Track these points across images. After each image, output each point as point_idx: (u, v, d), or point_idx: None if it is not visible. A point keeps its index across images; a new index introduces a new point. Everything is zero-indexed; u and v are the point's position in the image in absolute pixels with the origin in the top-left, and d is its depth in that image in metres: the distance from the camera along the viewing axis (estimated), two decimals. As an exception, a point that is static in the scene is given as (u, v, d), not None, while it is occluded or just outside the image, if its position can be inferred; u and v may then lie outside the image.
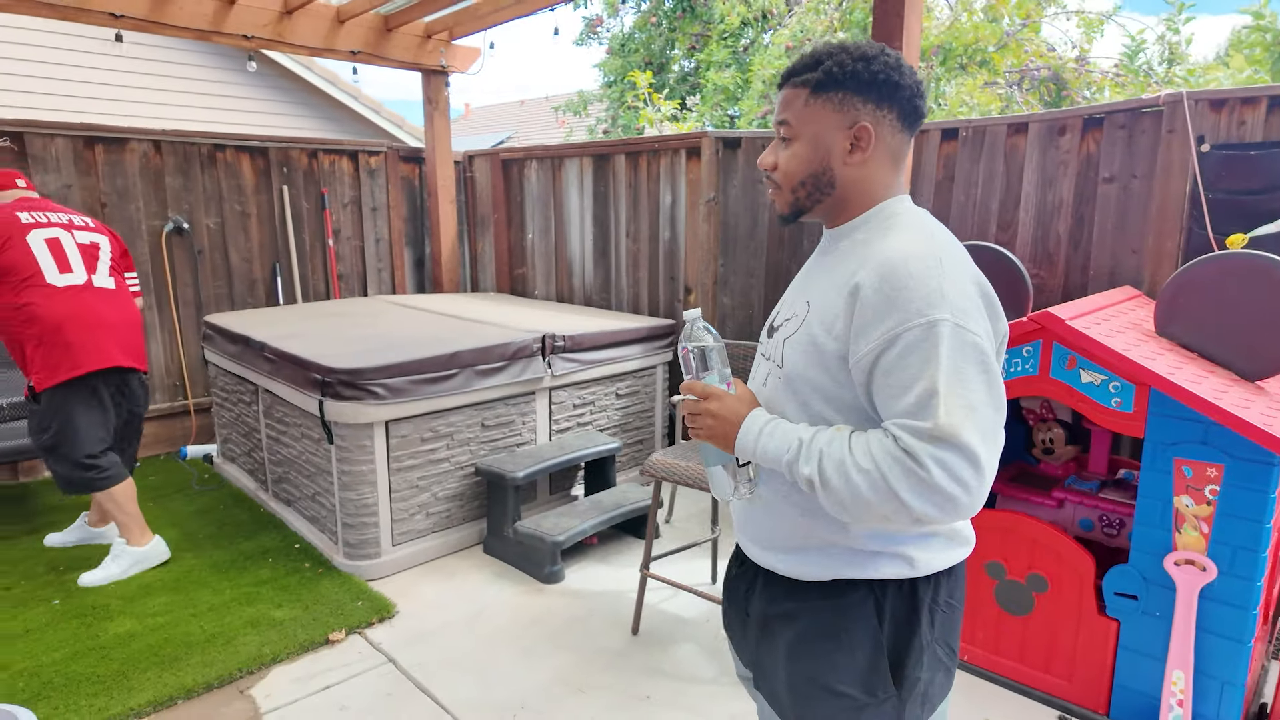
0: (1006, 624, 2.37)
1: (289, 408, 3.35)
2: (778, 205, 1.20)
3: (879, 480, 0.98)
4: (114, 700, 2.26)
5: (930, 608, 1.14)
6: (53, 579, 2.99)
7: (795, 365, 1.13)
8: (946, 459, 0.96)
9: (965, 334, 1.00)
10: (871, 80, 1.08)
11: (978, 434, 0.96)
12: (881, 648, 1.13)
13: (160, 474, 4.17)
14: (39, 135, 4.02)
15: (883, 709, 1.14)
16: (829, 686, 1.14)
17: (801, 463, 1.05)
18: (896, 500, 0.98)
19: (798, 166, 1.14)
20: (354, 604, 2.81)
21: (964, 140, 3.28)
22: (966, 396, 0.98)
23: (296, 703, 2.31)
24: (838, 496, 1.02)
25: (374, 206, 5.32)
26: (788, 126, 1.14)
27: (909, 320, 0.99)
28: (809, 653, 1.16)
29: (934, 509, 0.97)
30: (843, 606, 1.14)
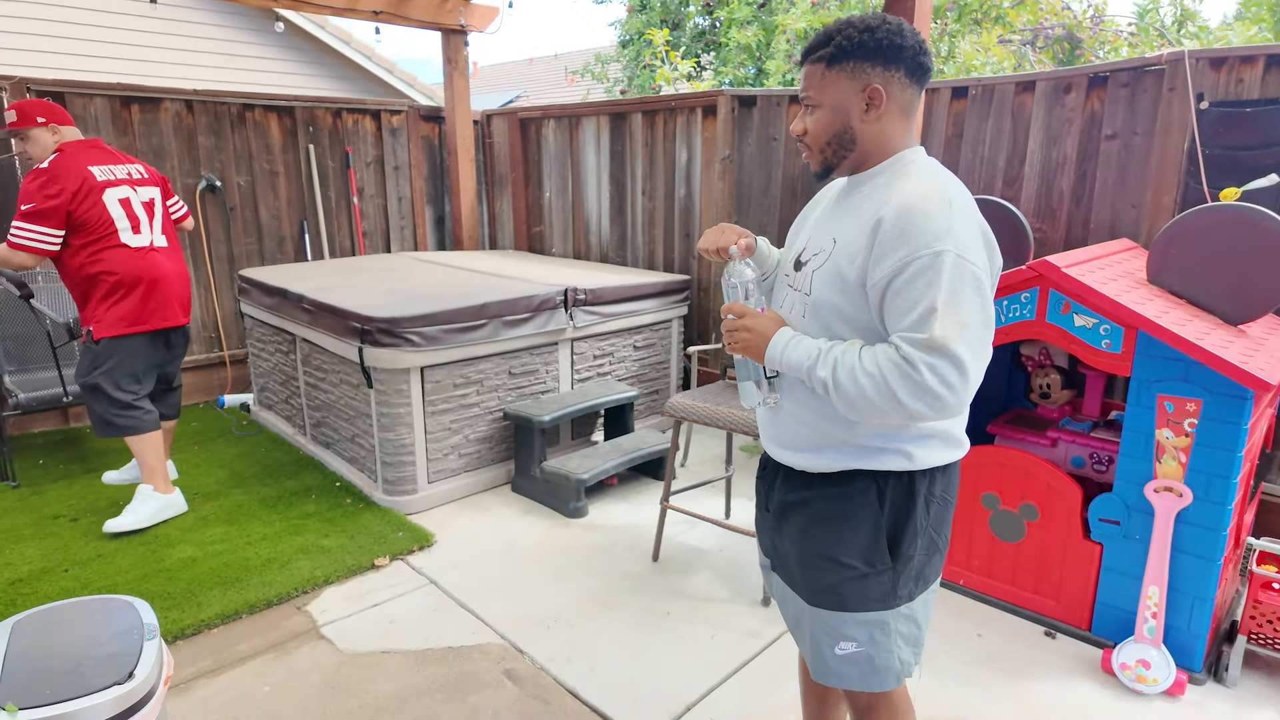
0: (1000, 550, 2.57)
1: (327, 355, 3.55)
2: (811, 165, 1.38)
3: (881, 382, 1.18)
4: (185, 614, 2.50)
5: (926, 498, 1.35)
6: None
7: (821, 292, 1.31)
8: (937, 365, 1.15)
9: (965, 264, 1.18)
10: (877, 47, 1.25)
11: (966, 346, 1.16)
12: (881, 528, 1.34)
13: (201, 421, 4.40)
14: (79, 95, 4.16)
15: (881, 579, 1.35)
16: (835, 559, 1.35)
17: (819, 367, 1.24)
18: (894, 399, 1.17)
19: (823, 129, 1.32)
20: (395, 534, 3.04)
21: (973, 98, 3.39)
22: (960, 315, 1.16)
23: (350, 617, 2.54)
24: (847, 397, 1.22)
25: (396, 165, 5.46)
26: (810, 98, 1.32)
27: (919, 250, 1.17)
28: (819, 531, 1.37)
29: (925, 407, 1.17)
30: (849, 493, 1.34)
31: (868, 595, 1.36)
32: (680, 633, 2.46)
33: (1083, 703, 2.15)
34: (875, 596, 1.36)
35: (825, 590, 1.38)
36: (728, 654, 2.35)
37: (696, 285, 4.58)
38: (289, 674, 2.25)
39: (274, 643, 2.40)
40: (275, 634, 2.44)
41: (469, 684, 2.22)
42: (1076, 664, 2.31)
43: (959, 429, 1.39)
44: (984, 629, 2.49)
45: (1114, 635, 2.35)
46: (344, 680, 2.23)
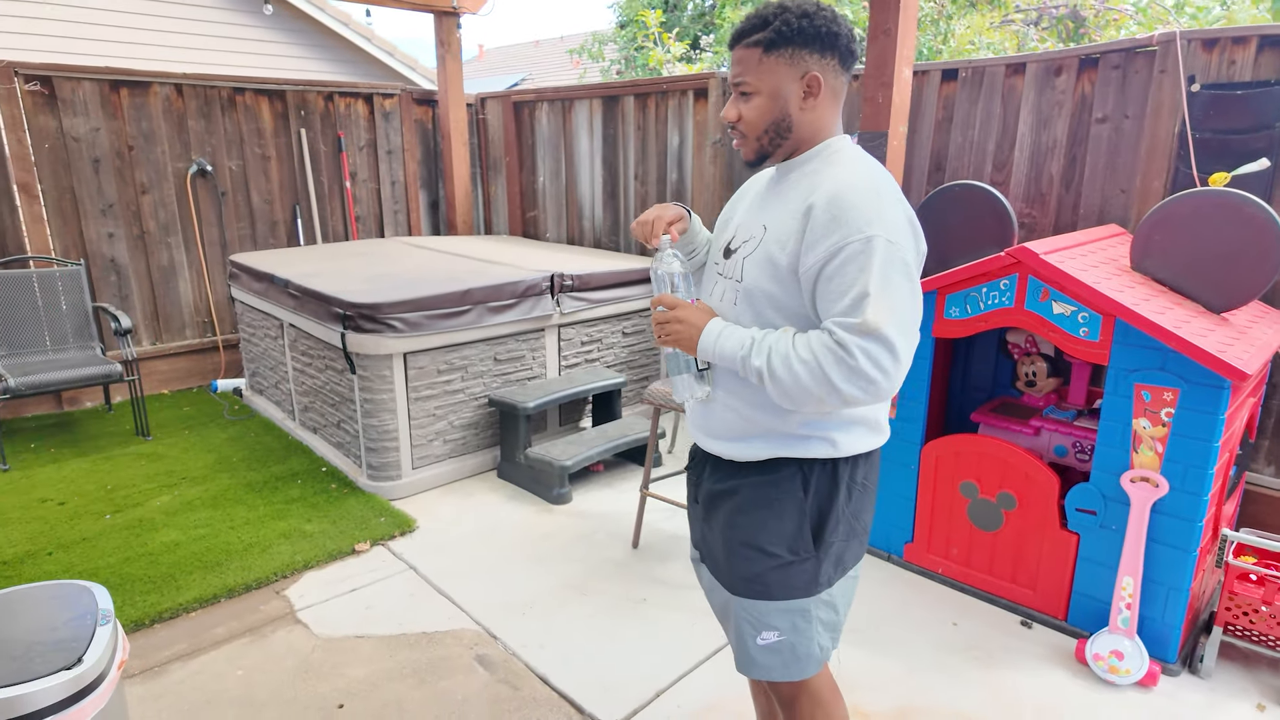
0: (978, 539, 2.55)
1: (313, 341, 3.55)
2: (744, 153, 1.35)
3: (815, 368, 1.17)
4: (164, 597, 2.53)
5: (848, 485, 1.35)
6: (102, 496, 3.25)
7: (753, 279, 1.30)
8: (871, 349, 1.15)
9: (895, 249, 1.18)
10: (815, 34, 1.24)
11: (897, 329, 1.17)
12: (805, 515, 1.34)
13: (194, 405, 4.42)
14: (67, 79, 4.16)
15: (804, 566, 1.35)
16: (761, 547, 1.35)
17: (753, 356, 1.23)
18: (829, 384, 1.17)
19: (760, 117, 1.29)
20: (377, 519, 3.05)
21: (963, 81, 3.33)
22: (891, 300, 1.17)
23: (327, 602, 2.56)
24: (782, 385, 1.21)
25: (389, 149, 5.44)
26: (746, 84, 1.28)
27: (850, 236, 1.17)
28: (745, 520, 1.37)
29: (859, 391, 1.17)
30: (775, 480, 1.35)
31: (791, 583, 1.36)
32: (655, 619, 2.46)
33: (1055, 692, 2.14)
34: (798, 584, 1.36)
35: (750, 579, 1.37)
36: (701, 641, 2.35)
37: (688, 270, 4.55)
38: (263, 657, 2.27)
39: (250, 626, 2.42)
40: (252, 618, 2.46)
41: (440, 669, 2.23)
42: (1051, 654, 2.30)
43: (882, 416, 1.40)
44: (960, 618, 2.48)
45: (1090, 625, 2.33)
46: (317, 664, 2.24)
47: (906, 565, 2.75)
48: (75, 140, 4.23)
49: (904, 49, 3.02)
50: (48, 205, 4.19)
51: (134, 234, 4.48)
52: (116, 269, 4.45)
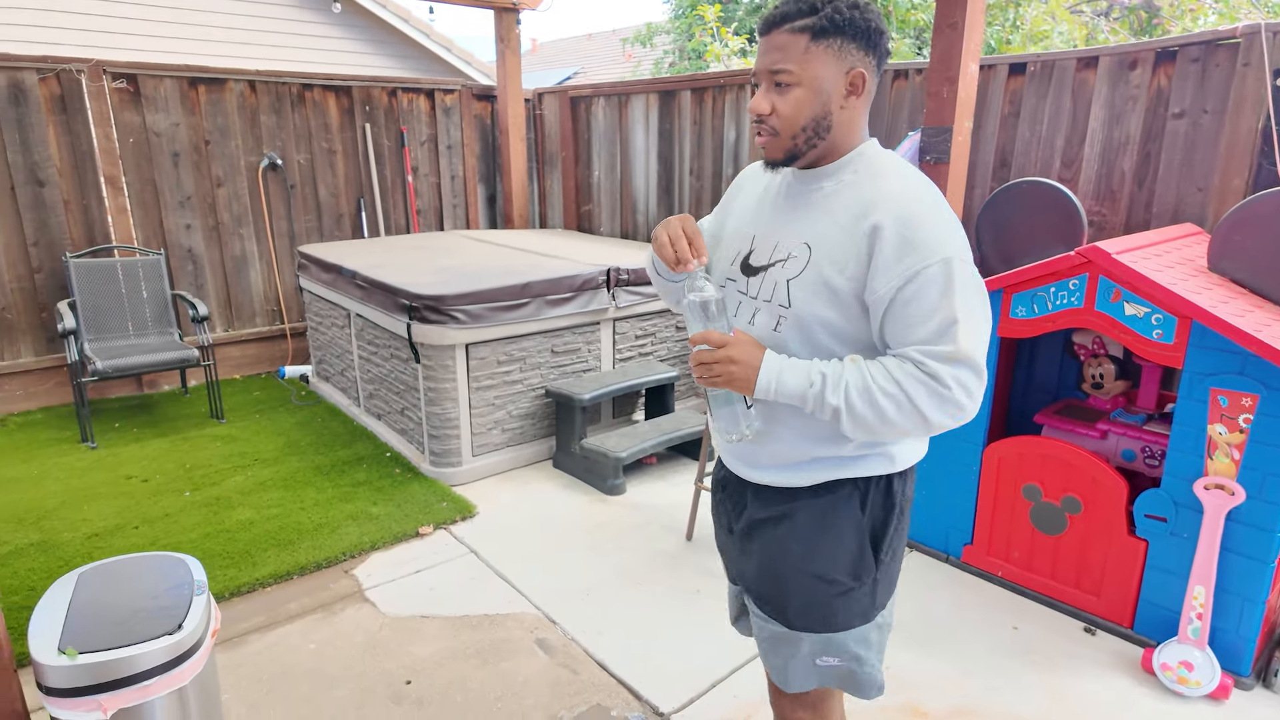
0: (1040, 542, 2.51)
1: (379, 331, 3.67)
2: (770, 151, 1.21)
3: (904, 400, 1.11)
4: (242, 572, 2.65)
5: (901, 500, 1.30)
6: (182, 474, 3.42)
7: (806, 305, 1.19)
8: (962, 376, 1.11)
9: (969, 268, 1.14)
10: (865, 28, 1.14)
11: (982, 353, 1.14)
12: (865, 535, 1.27)
13: (264, 390, 4.61)
14: (150, 77, 4.36)
15: (863, 590, 1.29)
16: (820, 574, 1.27)
17: (828, 393, 1.14)
18: (918, 415, 1.12)
19: (798, 112, 1.16)
20: (439, 504, 3.15)
21: (1032, 75, 3.25)
22: (974, 322, 1.13)
23: (393, 582, 2.65)
24: (862, 421, 1.13)
25: (449, 144, 5.55)
26: (787, 73, 1.14)
27: (928, 259, 1.11)
28: (801, 546, 1.28)
29: (948, 419, 1.13)
30: (832, 502, 1.27)
31: (853, 610, 1.29)
32: (710, 611, 2.49)
33: (1119, 701, 2.10)
34: (859, 611, 1.30)
35: (811, 610, 1.30)
36: (755, 634, 2.37)
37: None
38: (334, 633, 2.38)
39: (322, 603, 2.53)
40: (323, 595, 2.57)
41: (502, 650, 2.30)
42: (1116, 661, 2.26)
43: None
44: (1020, 621, 2.45)
45: (1157, 635, 2.28)
46: (384, 641, 2.34)
47: (964, 567, 2.73)
48: (157, 135, 4.43)
49: (971, 43, 2.97)
50: (131, 197, 4.40)
51: (209, 225, 4.68)
52: (193, 258, 4.65)
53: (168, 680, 1.44)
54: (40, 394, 4.28)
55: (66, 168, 4.18)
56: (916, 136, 3.21)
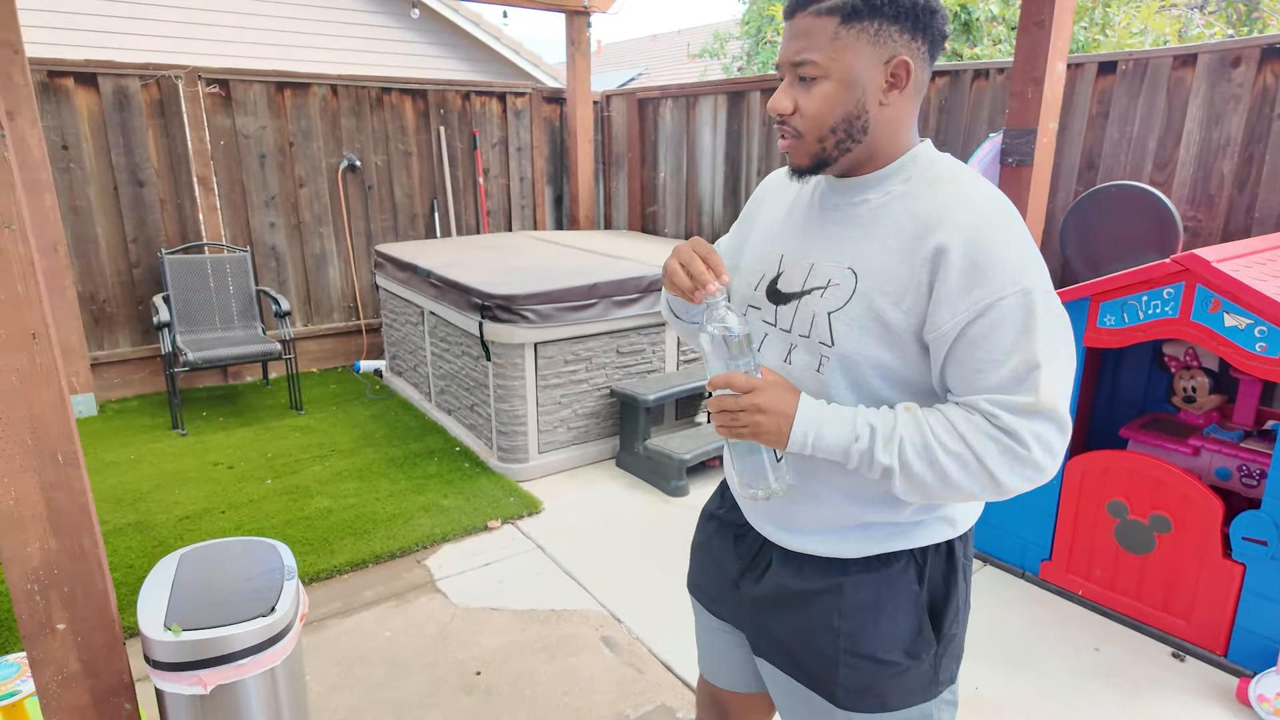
0: (1125, 561, 2.41)
1: (451, 328, 3.76)
2: (794, 157, 1.02)
3: (971, 461, 0.93)
4: (320, 559, 2.76)
5: (964, 565, 1.13)
6: (264, 462, 3.58)
7: (854, 343, 1.00)
8: (1043, 432, 0.92)
9: (1052, 301, 0.95)
10: (911, 6, 0.94)
11: (1066, 403, 0.94)
12: (924, 611, 1.09)
13: (340, 383, 4.78)
14: (241, 82, 4.57)
15: (920, 669, 1.11)
16: (872, 655, 1.09)
17: (879, 451, 0.95)
18: (988, 478, 0.93)
19: (826, 109, 0.97)
20: (507, 499, 3.21)
21: (1123, 74, 3.12)
22: (1057, 367, 0.94)
23: (463, 574, 2.72)
24: (919, 481, 0.95)
25: (519, 146, 5.65)
26: (812, 65, 0.96)
27: (1003, 290, 0.92)
28: (850, 625, 1.09)
29: (1025, 482, 0.95)
30: (886, 577, 1.09)
31: (909, 689, 1.11)
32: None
33: (1209, 731, 2.00)
34: (917, 689, 1.11)
35: (861, 692, 1.11)
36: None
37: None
38: (408, 621, 2.45)
39: (396, 592, 2.61)
40: (397, 584, 2.65)
41: (568, 646, 2.33)
42: (1207, 690, 2.15)
43: None
44: (1102, 643, 2.35)
45: (1254, 664, 2.16)
46: (455, 632, 2.40)
47: (1042, 584, 2.63)
48: (245, 137, 4.64)
49: (1058, 41, 2.88)
50: (221, 197, 4.62)
51: (291, 224, 4.87)
52: (276, 256, 4.86)
53: (261, 660, 1.51)
54: (135, 382, 4.54)
55: (163, 169, 4.42)
56: (997, 139, 3.12)
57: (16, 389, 1.27)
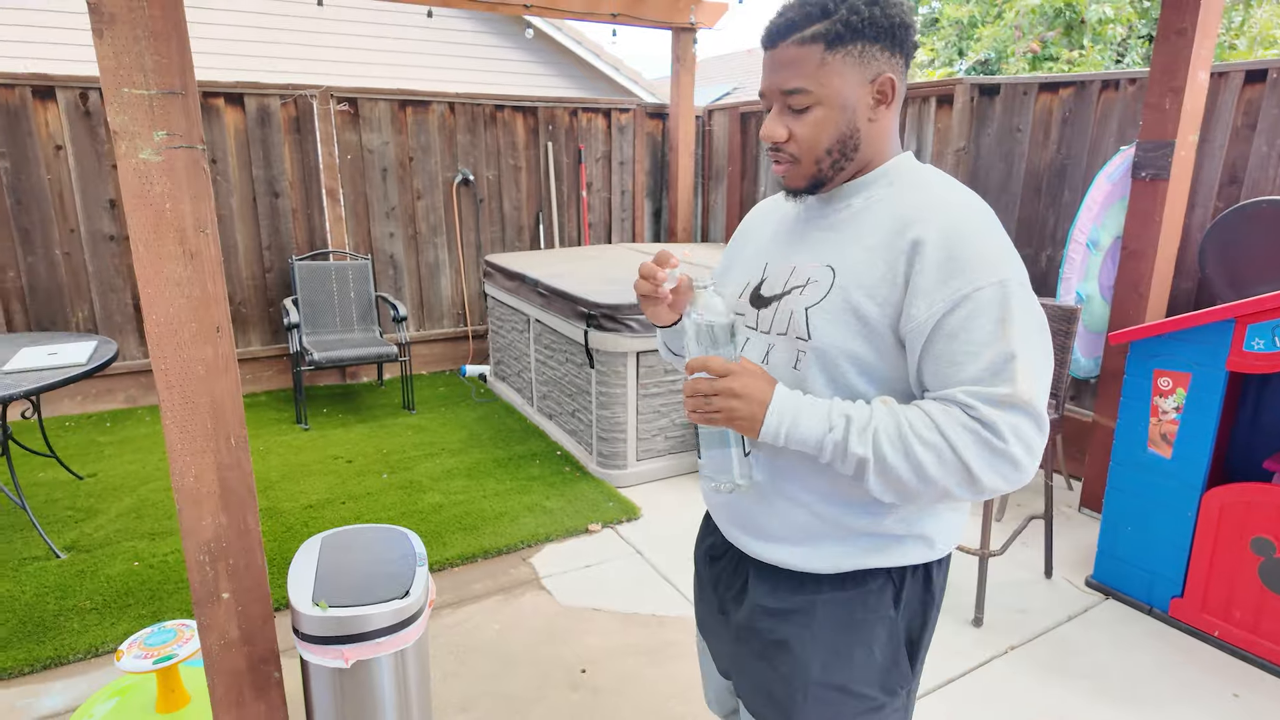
0: (1270, 603, 2.24)
1: (556, 336, 3.88)
2: (790, 180, 1.05)
3: (947, 452, 0.90)
4: (433, 552, 2.89)
5: (939, 595, 1.09)
6: (380, 458, 3.78)
7: (830, 337, 0.99)
8: (1021, 426, 0.90)
9: (1029, 297, 0.94)
10: (889, 25, 0.96)
11: (1044, 400, 0.92)
12: (900, 640, 1.06)
13: (447, 386, 4.99)
14: (367, 99, 4.87)
15: (895, 705, 1.07)
16: (844, 687, 1.05)
17: (854, 441, 0.93)
18: (965, 472, 0.91)
19: (820, 134, 0.99)
20: (607, 504, 3.28)
21: (1273, 83, 2.91)
22: (1035, 361, 0.92)
23: (566, 574, 2.79)
24: (894, 475, 0.92)
25: (621, 161, 5.78)
26: (803, 94, 0.97)
27: (979, 281, 0.91)
28: (822, 652, 1.05)
29: (1001, 479, 0.92)
30: (861, 597, 1.04)
31: None
32: (880, 637, 2.43)
33: (1371, 795, 1.83)
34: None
35: None
36: (933, 669, 2.28)
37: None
38: (515, 616, 2.54)
39: (503, 586, 2.71)
40: (504, 579, 2.75)
41: (670, 651, 2.36)
42: (1366, 749, 1.97)
43: None
44: (1242, 689, 2.19)
45: None
46: (560, 629, 2.47)
47: (1172, 622, 2.48)
48: (370, 152, 4.94)
49: (1201, 50, 2.73)
50: (346, 208, 4.93)
51: (409, 234, 5.15)
52: (394, 264, 5.14)
53: (395, 640, 1.61)
54: (264, 379, 4.88)
55: (296, 181, 4.76)
56: (1129, 152, 2.98)
57: (202, 378, 1.42)
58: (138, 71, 1.26)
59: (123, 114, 1.26)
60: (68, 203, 4.20)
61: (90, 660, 2.29)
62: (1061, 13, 6.35)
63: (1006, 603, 2.63)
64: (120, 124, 1.27)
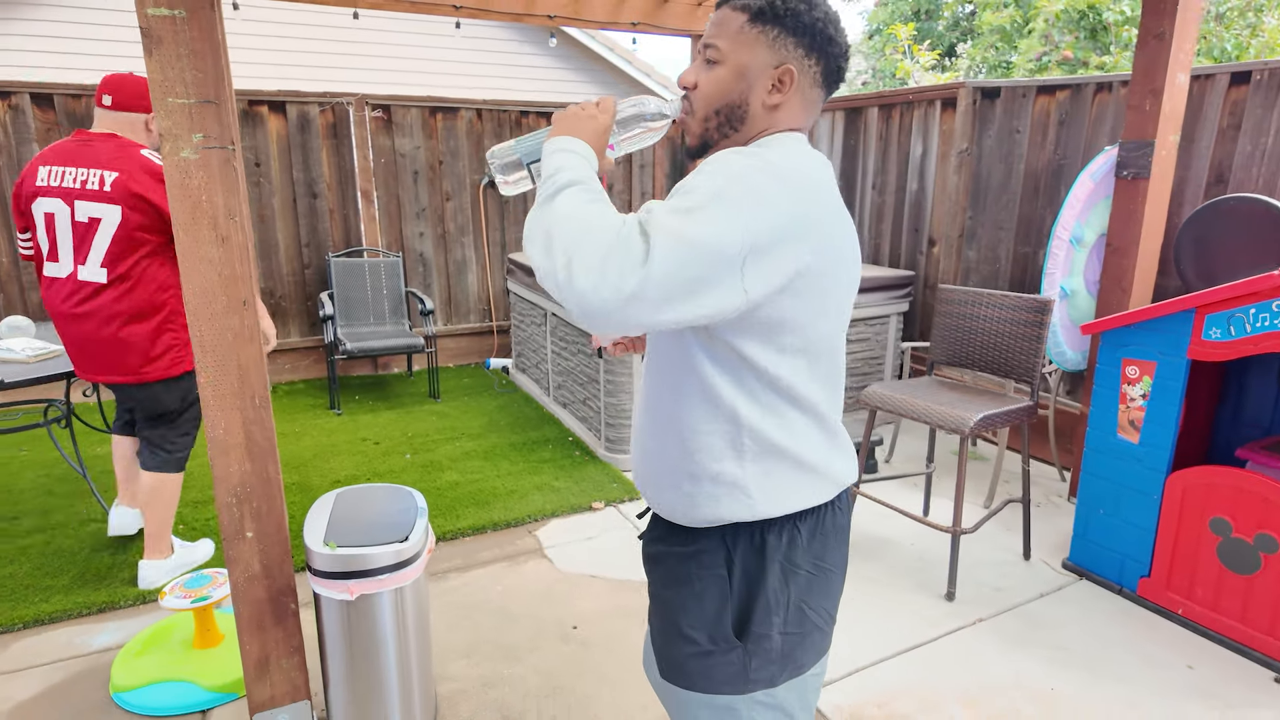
0: (1228, 582, 2.34)
1: (570, 329, 4.10)
2: (687, 133, 1.12)
3: (595, 218, 0.89)
4: (447, 522, 3.13)
5: (783, 565, 1.09)
6: (404, 441, 4.04)
7: None
8: (632, 241, 0.86)
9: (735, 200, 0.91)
10: (811, 25, 1.05)
11: (665, 253, 0.85)
12: (728, 599, 1.10)
13: (472, 378, 5.26)
14: (400, 107, 5.17)
15: (728, 658, 1.11)
16: (680, 629, 1.13)
17: (567, 173, 0.96)
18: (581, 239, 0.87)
19: (716, 91, 1.07)
20: (611, 484, 3.48)
21: (1257, 84, 3.00)
22: (689, 227, 0.87)
23: (568, 545, 3.00)
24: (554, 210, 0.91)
25: (642, 164, 5.99)
26: (716, 50, 1.07)
27: (696, 174, 0.95)
28: (668, 594, 1.16)
29: (580, 266, 0.85)
30: (696, 553, 1.12)
31: (713, 675, 1.11)
32: (858, 610, 2.58)
33: (1306, 757, 1.93)
34: (722, 678, 1.11)
35: (672, 664, 1.15)
36: (901, 635, 2.43)
37: (922, 281, 4.51)
38: (518, 580, 2.75)
39: (508, 555, 2.93)
40: (510, 549, 2.97)
41: (656, 614, 2.55)
42: (1311, 719, 2.06)
43: (823, 456, 1.10)
44: (1198, 662, 2.29)
45: (1369, 697, 2.05)
46: (558, 592, 2.68)
47: (1140, 601, 2.58)
48: (402, 156, 5.24)
49: (1180, 53, 2.83)
50: (379, 208, 5.24)
51: (438, 234, 5.43)
52: (423, 262, 5.43)
53: (395, 578, 1.83)
54: (301, 368, 5.21)
55: (333, 183, 5.07)
56: (1112, 152, 3.09)
57: (230, 344, 1.66)
58: (180, 84, 1.51)
59: (168, 119, 1.52)
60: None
61: (138, 606, 2.58)
62: (1085, 16, 6.38)
63: (982, 579, 2.76)
64: (165, 127, 1.52)
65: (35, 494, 3.36)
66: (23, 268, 4.41)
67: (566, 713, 2.10)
